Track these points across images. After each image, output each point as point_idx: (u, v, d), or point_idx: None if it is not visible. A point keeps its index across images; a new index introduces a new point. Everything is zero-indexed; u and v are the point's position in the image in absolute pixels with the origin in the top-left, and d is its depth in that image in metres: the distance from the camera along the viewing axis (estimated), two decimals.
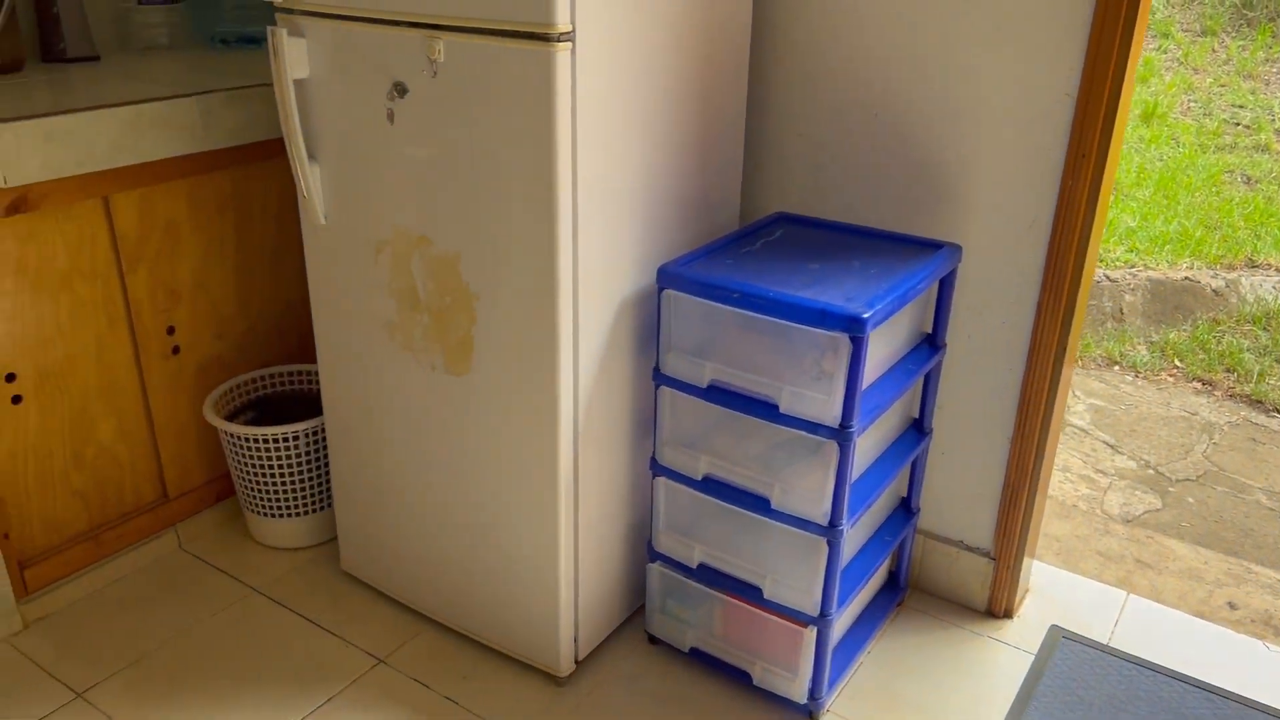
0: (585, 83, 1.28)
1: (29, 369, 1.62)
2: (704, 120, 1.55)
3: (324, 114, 1.48)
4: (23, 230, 1.56)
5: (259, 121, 1.79)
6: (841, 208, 1.71)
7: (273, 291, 1.97)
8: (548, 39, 1.22)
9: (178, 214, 1.76)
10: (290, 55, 1.43)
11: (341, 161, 1.49)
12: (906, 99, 1.58)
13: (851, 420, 1.33)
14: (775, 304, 1.34)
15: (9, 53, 1.80)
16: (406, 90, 1.37)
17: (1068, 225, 1.49)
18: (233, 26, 2.14)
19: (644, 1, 1.34)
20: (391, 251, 1.49)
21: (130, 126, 1.61)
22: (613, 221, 1.41)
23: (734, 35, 1.57)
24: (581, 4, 1.22)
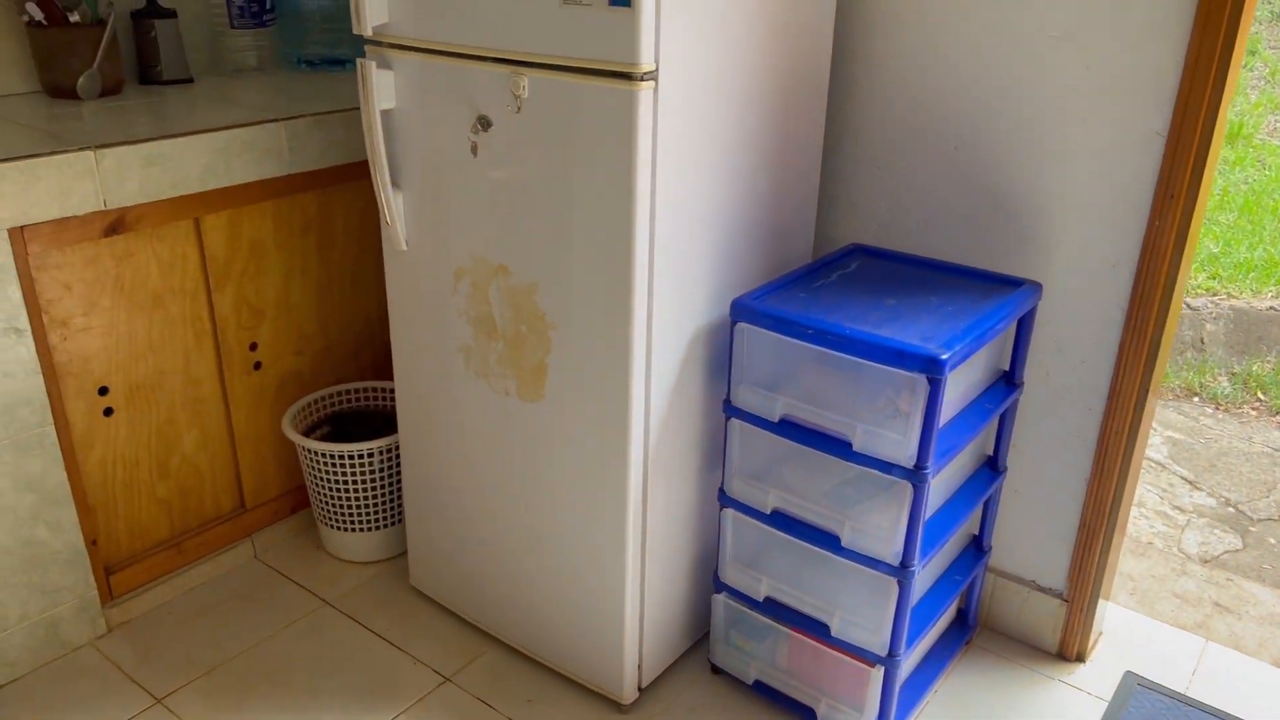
0: (666, 119, 1.29)
1: (120, 382, 1.69)
2: (782, 152, 1.55)
3: (409, 144, 1.51)
4: (119, 250, 1.62)
5: (342, 145, 1.84)
6: (918, 241, 1.69)
7: (351, 309, 2.02)
8: (631, 78, 1.23)
9: (263, 234, 1.82)
10: (378, 87, 1.47)
11: (424, 190, 1.52)
12: (988, 134, 1.57)
13: (927, 461, 1.32)
14: (851, 342, 1.33)
15: (111, 76, 1.88)
16: (490, 124, 1.39)
17: (1153, 267, 1.46)
18: (317, 49, 2.20)
19: (726, 39, 1.35)
20: (470, 279, 1.51)
21: (221, 151, 1.67)
22: (688, 253, 1.41)
23: (813, 67, 1.57)
24: (665, 44, 1.24)
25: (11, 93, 1.90)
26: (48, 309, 1.56)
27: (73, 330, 1.60)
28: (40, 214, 1.48)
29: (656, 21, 1.21)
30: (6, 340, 1.50)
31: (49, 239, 1.52)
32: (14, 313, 1.50)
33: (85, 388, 1.64)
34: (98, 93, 1.85)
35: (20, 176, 1.44)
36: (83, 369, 1.63)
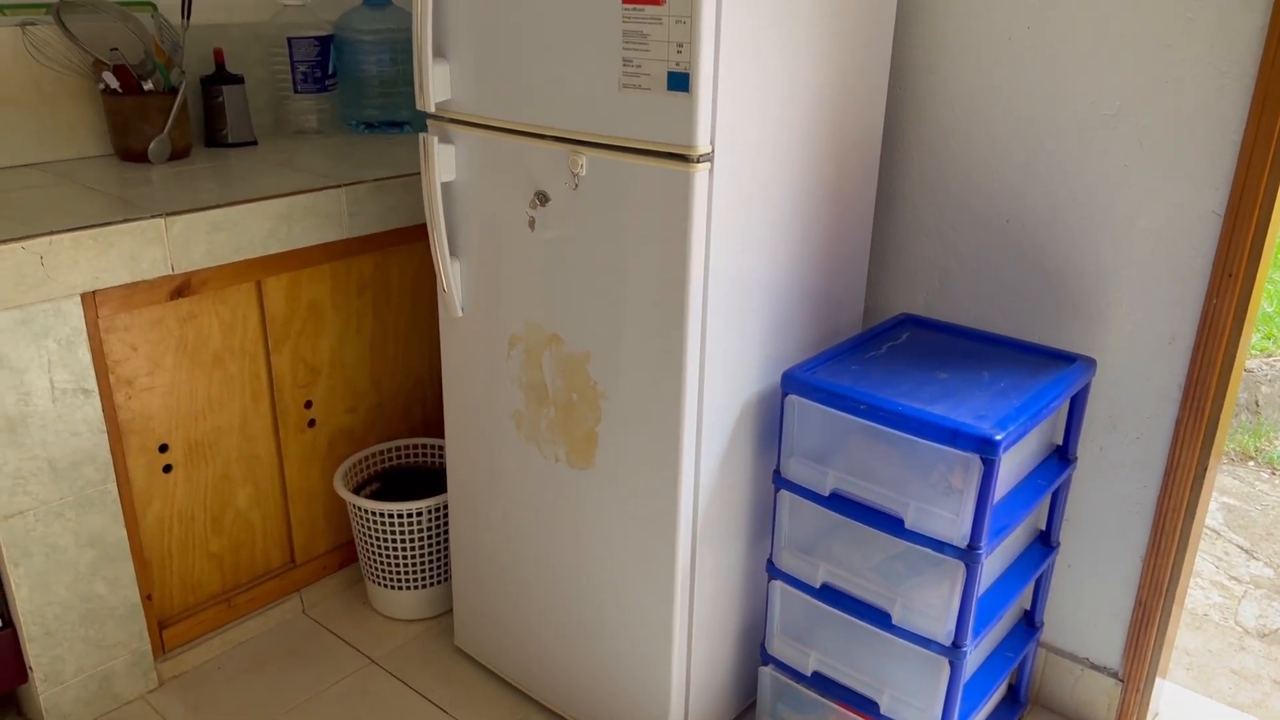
0: (721, 198, 1.31)
1: (180, 440, 1.73)
2: (833, 222, 1.56)
3: (467, 214, 1.55)
4: (184, 311, 1.67)
5: (400, 209, 1.88)
6: (969, 312, 1.69)
7: (404, 367, 2.05)
8: (688, 160, 1.26)
9: (321, 295, 1.86)
10: (439, 160, 1.51)
11: (481, 259, 1.56)
12: (1040, 208, 1.57)
13: (980, 541, 1.31)
14: (904, 419, 1.33)
15: (180, 141, 1.95)
16: (548, 199, 1.42)
17: (1211, 345, 1.44)
18: (376, 113, 2.26)
19: (781, 119, 1.37)
20: (524, 346, 1.54)
21: (284, 217, 1.71)
22: (740, 325, 1.43)
23: (866, 141, 1.59)
24: (721, 127, 1.26)
25: (86, 156, 1.97)
26: (114, 369, 1.61)
27: (137, 389, 1.64)
28: (112, 279, 1.53)
29: (713, 106, 1.24)
30: (75, 400, 1.54)
31: (119, 302, 1.57)
32: (83, 373, 1.54)
33: (147, 445, 1.68)
34: (167, 157, 1.92)
35: (95, 244, 1.49)
36: (145, 427, 1.67)
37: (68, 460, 1.56)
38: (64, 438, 1.54)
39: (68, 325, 1.51)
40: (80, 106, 1.94)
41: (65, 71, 1.89)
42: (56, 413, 1.53)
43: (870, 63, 1.53)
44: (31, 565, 1.56)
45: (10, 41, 1.82)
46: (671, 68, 1.22)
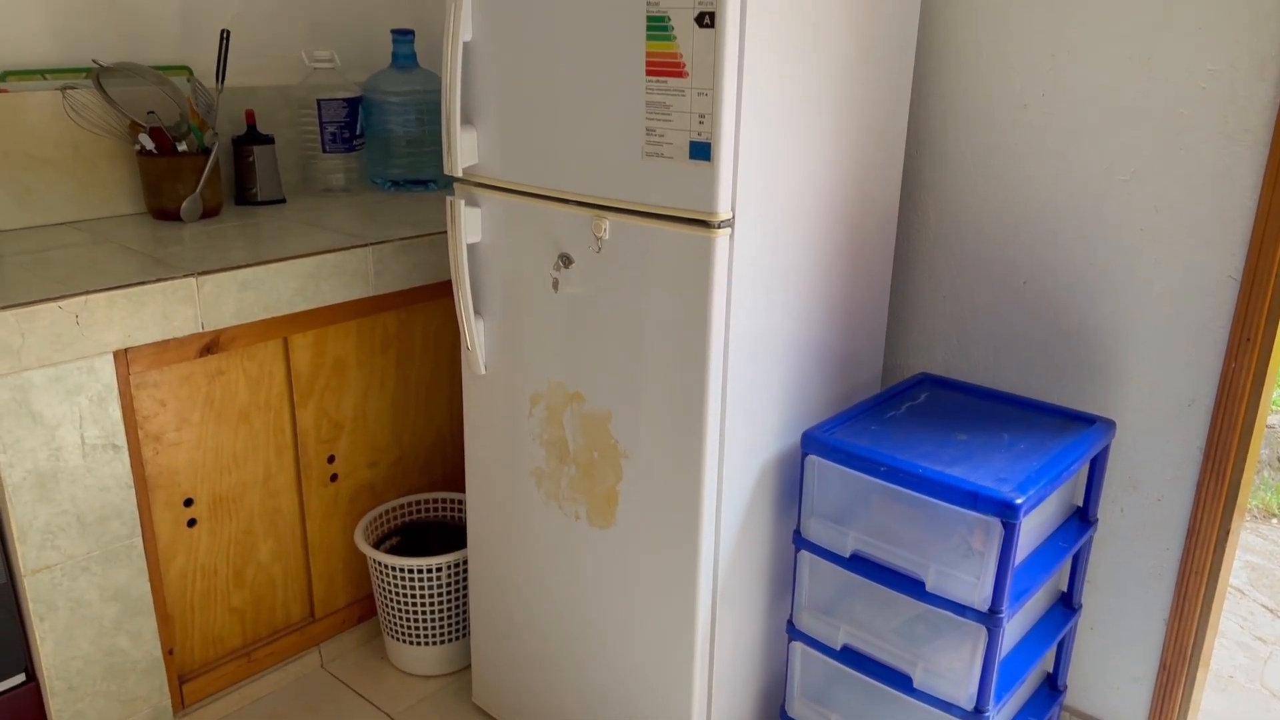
0: (741, 261, 1.33)
1: (205, 494, 1.75)
2: (851, 282, 1.58)
3: (492, 275, 1.58)
4: (212, 368, 1.70)
5: (424, 267, 1.92)
6: (987, 371, 1.70)
7: (425, 421, 2.08)
8: (709, 225, 1.28)
9: (346, 352, 1.89)
10: (466, 223, 1.54)
11: (505, 318, 1.58)
12: (1058, 269, 1.58)
13: (1002, 605, 1.30)
14: (924, 481, 1.33)
15: (211, 200, 1.99)
16: (571, 261, 1.45)
17: (1230, 409, 1.44)
18: (402, 171, 2.31)
19: (800, 185, 1.40)
20: (546, 405, 1.56)
21: (312, 276, 1.75)
22: (760, 386, 1.44)
23: (884, 204, 1.61)
24: (742, 194, 1.29)
25: (120, 214, 2.02)
26: (143, 424, 1.63)
27: (165, 445, 1.67)
28: (144, 337, 1.56)
29: (734, 174, 1.27)
30: (105, 456, 1.57)
31: (150, 360, 1.60)
32: (113, 429, 1.57)
33: (172, 500, 1.70)
34: (198, 215, 1.97)
35: (128, 303, 1.53)
36: (171, 481, 1.69)
37: (95, 515, 1.58)
38: (93, 493, 1.57)
39: (100, 382, 1.54)
40: (116, 167, 1.99)
41: (103, 134, 1.95)
42: (86, 468, 1.55)
43: (887, 128, 1.56)
44: (57, 619, 1.57)
45: (51, 105, 1.89)
46: (694, 137, 1.26)
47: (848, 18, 1.40)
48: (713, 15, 1.20)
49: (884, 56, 1.50)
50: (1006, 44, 1.56)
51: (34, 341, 1.45)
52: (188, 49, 2.12)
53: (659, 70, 1.26)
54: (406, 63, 2.29)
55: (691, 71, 1.23)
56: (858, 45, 1.43)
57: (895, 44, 1.52)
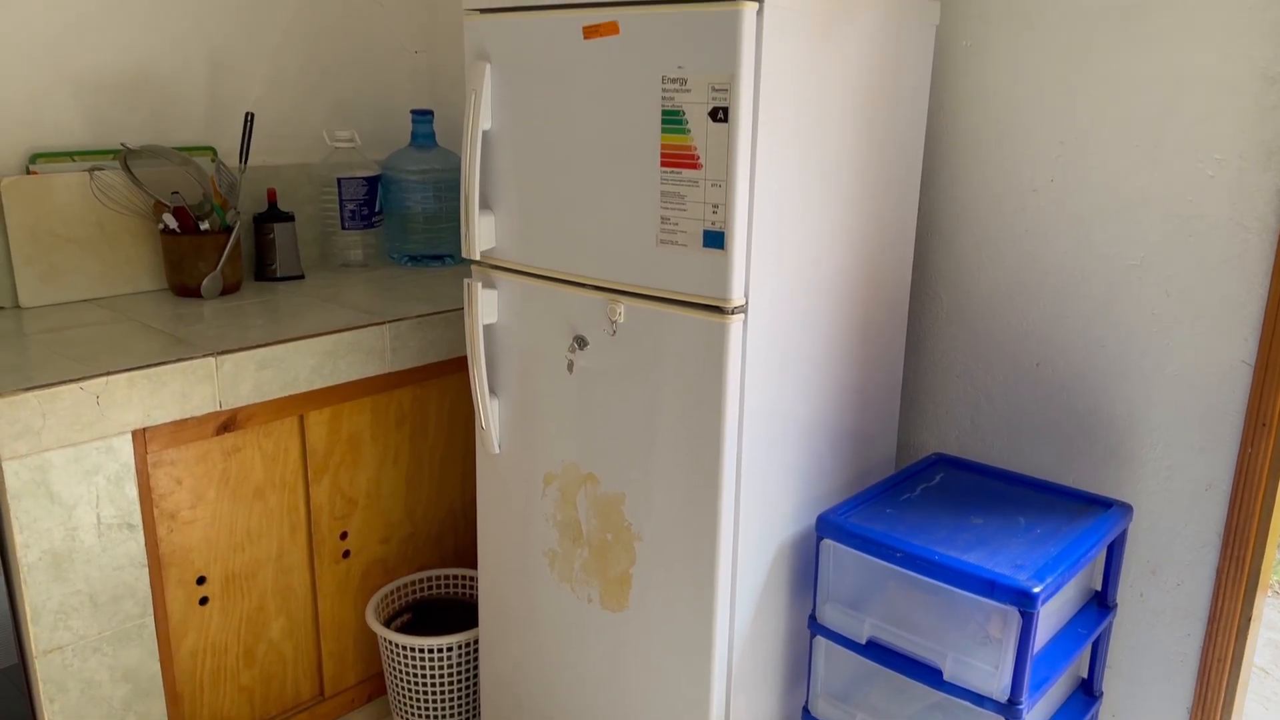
0: (755, 346, 1.34)
1: (218, 572, 1.74)
2: (865, 363, 1.59)
3: (507, 355, 1.60)
4: (228, 446, 1.71)
5: (440, 344, 1.94)
6: (1002, 452, 1.70)
7: (438, 496, 2.08)
8: (723, 311, 1.30)
9: (361, 428, 1.90)
10: (482, 304, 1.56)
11: (519, 398, 1.59)
12: (1070, 353, 1.59)
13: (1021, 695, 1.28)
14: (940, 568, 1.32)
15: (231, 276, 2.03)
16: (586, 343, 1.47)
17: (1248, 494, 1.43)
18: (420, 247, 2.35)
19: (813, 271, 1.42)
20: (559, 485, 1.56)
21: (329, 353, 1.77)
22: (774, 468, 1.44)
23: (895, 284, 1.63)
24: (755, 281, 1.30)
25: (142, 290, 2.06)
26: (159, 503, 1.64)
27: (179, 523, 1.67)
28: (162, 416, 1.58)
29: (747, 262, 1.29)
30: (120, 535, 1.57)
31: (167, 438, 1.62)
32: (129, 509, 1.58)
33: (185, 578, 1.70)
34: (219, 292, 2.00)
35: (148, 383, 1.55)
36: (184, 559, 1.69)
37: (108, 595, 1.58)
38: (106, 572, 1.57)
39: (117, 462, 1.55)
40: (140, 245, 2.03)
41: (128, 213, 1.99)
42: (101, 547, 1.56)
43: (898, 213, 1.58)
44: (66, 700, 1.56)
45: (79, 185, 1.93)
46: (707, 226, 1.28)
47: (858, 110, 1.43)
48: (726, 111, 1.23)
49: (894, 145, 1.53)
50: (1014, 131, 1.59)
51: (55, 422, 1.47)
52: (213, 130, 2.18)
53: (674, 162, 1.29)
54: (425, 142, 2.34)
55: (705, 163, 1.26)
56: (868, 136, 1.46)
57: (905, 133, 1.55)
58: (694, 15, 1.23)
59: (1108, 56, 1.48)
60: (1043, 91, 1.55)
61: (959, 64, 1.63)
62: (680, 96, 1.26)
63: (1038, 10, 1.53)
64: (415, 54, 2.54)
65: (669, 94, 1.27)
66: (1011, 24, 1.56)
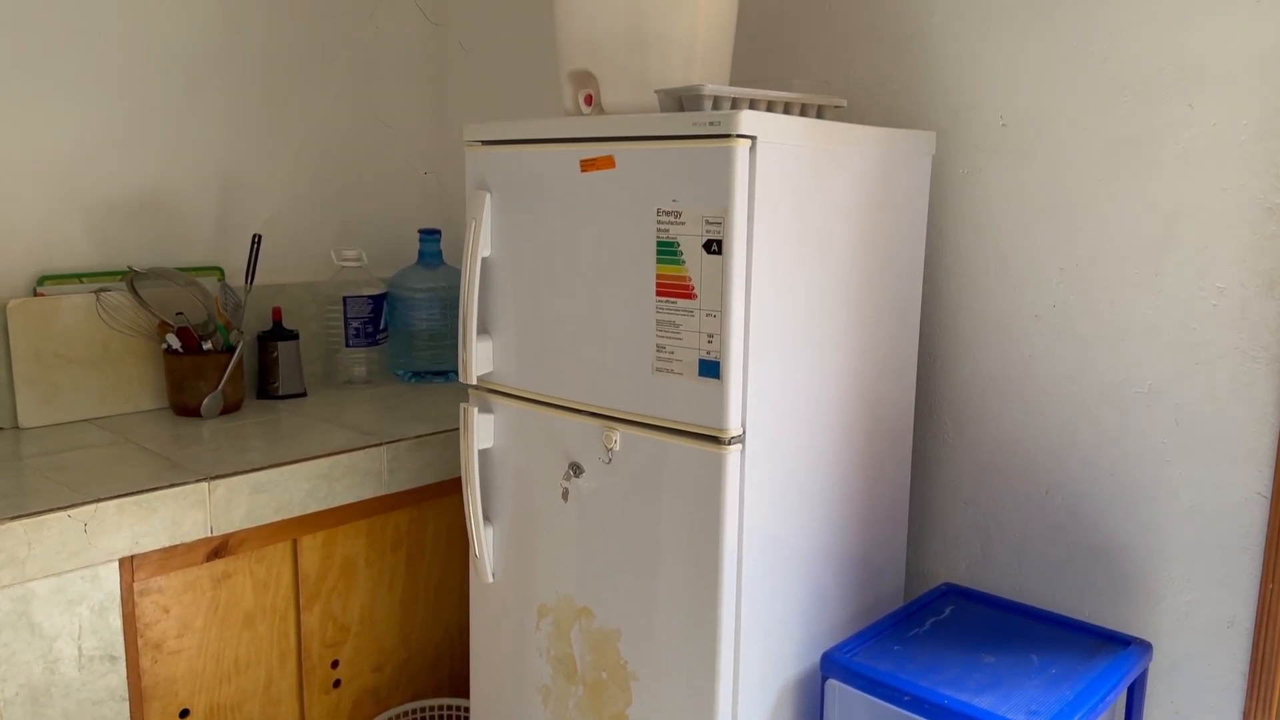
0: (754, 476, 1.31)
1: (202, 704, 1.68)
2: (869, 490, 1.55)
3: (502, 481, 1.57)
4: (219, 572, 1.67)
5: (438, 464, 1.91)
6: (1013, 583, 1.64)
7: (434, 621, 2.02)
8: (720, 441, 1.27)
9: (355, 552, 1.86)
10: (478, 429, 1.55)
11: (514, 526, 1.56)
12: (1080, 481, 1.55)
13: None
14: (951, 714, 1.26)
15: (233, 395, 2.02)
16: (582, 470, 1.44)
17: (1271, 633, 1.37)
18: (424, 363, 2.35)
19: (811, 397, 1.40)
20: (553, 618, 1.51)
21: (324, 476, 1.75)
22: (776, 603, 1.39)
23: (898, 410, 1.60)
24: (753, 410, 1.28)
25: (142, 410, 2.05)
26: (144, 632, 1.60)
27: (164, 653, 1.62)
28: (151, 543, 1.55)
29: (744, 391, 1.27)
30: (101, 668, 1.52)
31: (155, 565, 1.58)
32: (112, 639, 1.53)
33: (168, 710, 1.64)
34: (218, 412, 1.99)
35: (139, 509, 1.52)
36: (168, 691, 1.64)
37: None
38: (85, 707, 1.51)
39: (102, 591, 1.52)
40: (142, 364, 2.04)
41: (133, 334, 2.00)
42: (81, 680, 1.51)
43: (898, 340, 1.57)
44: None
45: (85, 307, 1.95)
46: (703, 355, 1.26)
47: (855, 240, 1.43)
48: (720, 243, 1.23)
49: (893, 273, 1.53)
50: (1015, 258, 1.59)
51: (40, 551, 1.44)
52: (222, 250, 2.21)
53: (669, 291, 1.29)
54: (432, 260, 2.36)
55: (700, 293, 1.26)
56: (866, 265, 1.46)
57: (904, 261, 1.55)
58: (688, 151, 1.24)
59: (1105, 185, 1.48)
60: (1042, 219, 1.56)
61: (956, 192, 1.64)
62: (675, 228, 1.27)
63: (1035, 141, 1.55)
64: (425, 175, 2.59)
65: (664, 226, 1.28)
66: (1009, 154, 1.58)
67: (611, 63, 1.42)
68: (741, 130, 1.20)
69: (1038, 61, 1.54)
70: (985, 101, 1.59)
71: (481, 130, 1.51)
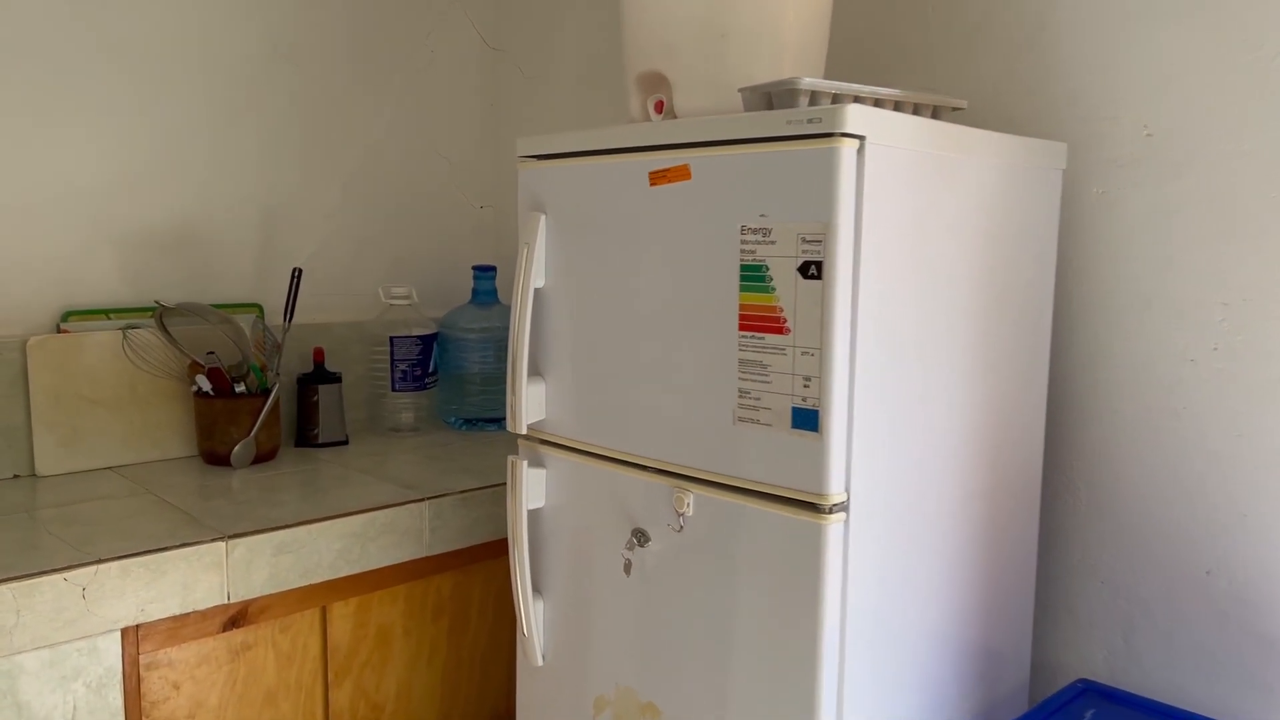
0: (859, 552, 1.08)
1: None
2: (989, 566, 1.30)
3: (555, 548, 1.35)
4: (237, 643, 1.48)
5: (486, 523, 1.71)
6: (1164, 680, 1.36)
7: (479, 700, 1.80)
8: (818, 509, 1.04)
9: (391, 621, 1.66)
10: (528, 486, 1.34)
11: (568, 601, 1.34)
12: (1250, 558, 1.28)
13: None
14: None
15: (267, 443, 1.85)
16: (648, 538, 1.22)
17: None
18: (475, 410, 2.16)
19: (926, 456, 1.16)
20: (612, 713, 1.28)
21: (358, 535, 1.55)
22: (884, 700, 1.14)
23: (1024, 471, 1.35)
24: (858, 471, 1.05)
25: (170, 457, 1.89)
26: (150, 712, 1.40)
27: None
28: (159, 611, 1.37)
29: (848, 447, 1.04)
30: None
31: (164, 636, 1.40)
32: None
33: None
34: (250, 461, 1.82)
35: (145, 572, 1.34)
36: None
37: None
38: None
39: (101, 665, 1.33)
40: (171, 407, 1.88)
41: (162, 375, 1.85)
42: None
43: (1025, 387, 1.33)
44: None
45: (111, 345, 1.80)
46: (797, 403, 1.04)
47: (975, 266, 1.20)
48: (820, 265, 1.01)
49: (1017, 307, 1.29)
50: (1162, 292, 1.34)
51: (31, 620, 1.26)
52: (262, 286, 2.06)
53: (755, 325, 1.07)
54: (486, 299, 2.19)
55: (794, 327, 1.04)
56: (987, 296, 1.23)
57: (1030, 294, 1.31)
58: (781, 156, 1.03)
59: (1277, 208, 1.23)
60: (1197, 247, 1.31)
61: (1090, 215, 1.40)
62: (763, 249, 1.06)
63: (1186, 155, 1.31)
64: (480, 209, 2.43)
65: (750, 246, 1.07)
66: (1154, 170, 1.34)
67: (687, 63, 1.23)
68: (848, 128, 0.99)
69: (1190, 61, 1.30)
70: (1125, 109, 1.36)
71: (535, 144, 1.33)
